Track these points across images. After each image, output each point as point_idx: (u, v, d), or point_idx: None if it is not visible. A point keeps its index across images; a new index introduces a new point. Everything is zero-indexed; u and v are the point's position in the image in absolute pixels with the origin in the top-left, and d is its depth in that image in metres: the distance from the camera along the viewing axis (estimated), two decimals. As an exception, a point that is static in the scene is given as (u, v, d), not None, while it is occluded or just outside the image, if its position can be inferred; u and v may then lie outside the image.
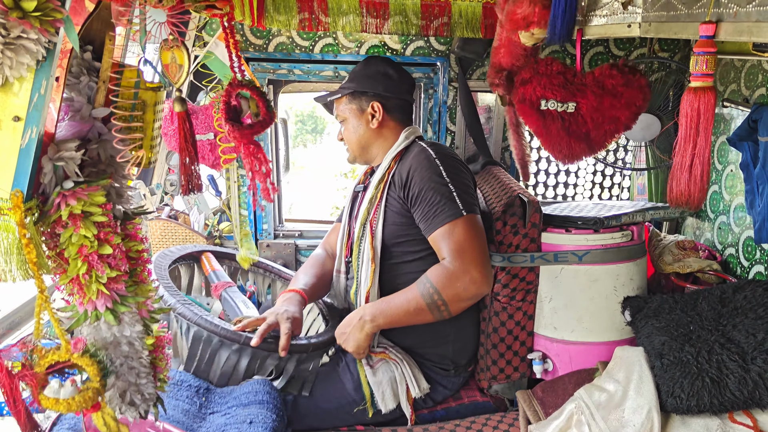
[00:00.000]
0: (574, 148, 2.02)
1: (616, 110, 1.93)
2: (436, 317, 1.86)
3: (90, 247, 1.19)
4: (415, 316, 1.87)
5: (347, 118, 2.19)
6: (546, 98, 1.98)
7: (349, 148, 2.23)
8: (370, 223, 2.07)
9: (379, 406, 1.98)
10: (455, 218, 1.86)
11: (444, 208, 1.88)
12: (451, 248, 1.84)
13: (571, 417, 1.77)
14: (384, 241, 2.05)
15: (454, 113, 3.01)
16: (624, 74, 1.91)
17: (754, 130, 2.08)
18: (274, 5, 2.27)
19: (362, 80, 2.16)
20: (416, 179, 1.96)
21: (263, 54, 2.88)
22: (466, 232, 1.85)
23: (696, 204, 1.49)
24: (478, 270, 1.81)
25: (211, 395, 1.89)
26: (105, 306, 1.24)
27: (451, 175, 1.94)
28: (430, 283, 1.83)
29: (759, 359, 1.63)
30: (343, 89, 2.18)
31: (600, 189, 3.31)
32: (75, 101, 1.28)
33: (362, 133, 2.17)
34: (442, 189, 1.91)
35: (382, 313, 1.91)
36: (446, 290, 1.82)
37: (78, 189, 1.18)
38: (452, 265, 1.82)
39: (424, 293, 1.84)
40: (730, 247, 2.50)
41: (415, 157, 2.02)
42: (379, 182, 2.10)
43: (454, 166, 1.99)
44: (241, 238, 2.73)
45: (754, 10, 1.22)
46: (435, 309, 1.84)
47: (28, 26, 1.03)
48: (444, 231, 1.87)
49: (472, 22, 2.38)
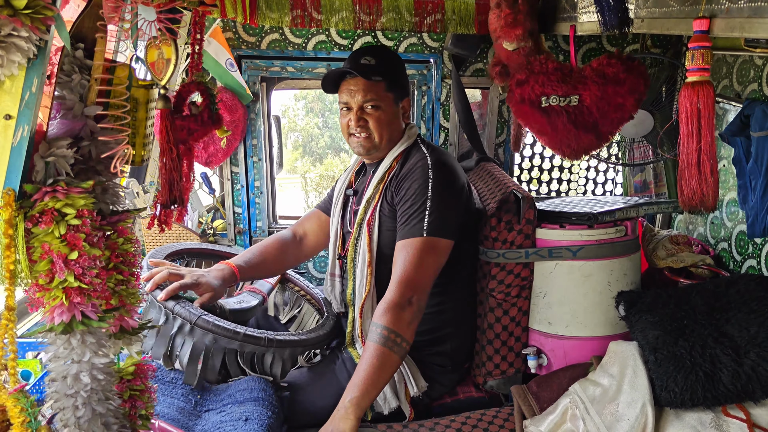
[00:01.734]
0: (582, 140, 2.01)
1: (621, 97, 1.94)
2: (400, 354, 1.75)
3: (54, 247, 1.12)
4: (385, 367, 1.72)
5: (383, 104, 2.03)
6: (546, 95, 1.96)
7: (376, 135, 2.04)
8: (368, 224, 2.05)
9: (379, 409, 1.97)
10: (414, 237, 1.86)
11: (412, 222, 1.89)
12: (398, 270, 1.83)
13: (566, 411, 1.78)
14: (379, 243, 2.04)
15: (447, 110, 3.01)
16: (623, 62, 1.92)
17: (746, 125, 2.08)
18: (266, 2, 2.26)
19: (401, 72, 2.12)
20: (405, 184, 1.97)
21: (256, 51, 2.87)
22: (417, 254, 1.84)
23: (711, 204, 1.45)
24: (416, 294, 1.80)
25: (206, 393, 1.89)
26: (61, 318, 1.14)
27: (435, 192, 1.91)
28: (378, 325, 1.77)
29: (752, 353, 1.64)
30: (385, 74, 2.03)
31: (594, 185, 3.32)
32: (67, 99, 1.27)
33: (395, 125, 2.08)
34: (418, 204, 1.90)
35: (355, 388, 1.70)
36: (394, 323, 1.75)
37: (57, 186, 1.14)
38: (394, 294, 1.79)
39: (378, 338, 1.74)
40: (723, 241, 2.51)
41: (414, 164, 2.00)
42: (380, 182, 2.07)
43: (444, 182, 1.95)
44: None
45: (746, 6, 1.23)
46: (394, 346, 1.74)
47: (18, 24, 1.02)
48: (402, 245, 1.87)
49: (465, 19, 2.37)
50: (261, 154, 3.08)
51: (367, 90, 2.01)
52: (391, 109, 2.05)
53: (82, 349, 1.19)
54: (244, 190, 3.12)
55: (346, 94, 2.04)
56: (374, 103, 2.01)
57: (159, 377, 1.88)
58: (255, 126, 3.02)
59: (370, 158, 2.15)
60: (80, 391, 1.19)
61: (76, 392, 1.19)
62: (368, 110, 2.02)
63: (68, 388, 1.18)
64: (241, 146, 3.03)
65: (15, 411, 1.12)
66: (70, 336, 1.18)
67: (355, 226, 2.08)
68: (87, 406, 1.19)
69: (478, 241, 2.14)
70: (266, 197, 3.17)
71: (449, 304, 2.10)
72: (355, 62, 2.03)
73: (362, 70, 2.00)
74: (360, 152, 2.10)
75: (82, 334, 1.19)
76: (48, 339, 1.19)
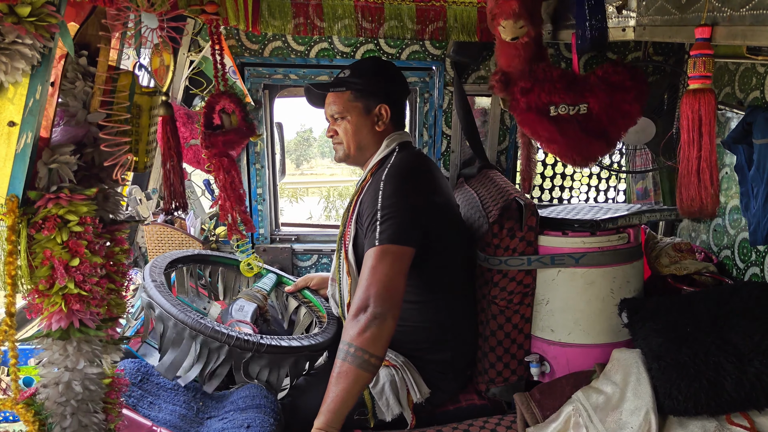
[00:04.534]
0: (593, 147, 1.99)
1: (628, 104, 1.93)
2: (371, 371, 1.68)
3: (56, 253, 1.13)
4: (353, 384, 1.65)
5: (348, 115, 2.07)
6: (554, 103, 1.94)
7: (345, 146, 2.10)
8: (345, 237, 2.06)
9: (382, 416, 1.96)
10: (371, 247, 1.83)
11: (368, 235, 1.87)
12: (360, 286, 1.78)
13: (569, 419, 1.77)
14: (356, 255, 2.01)
15: (449, 117, 3.01)
16: (629, 70, 1.92)
17: (749, 132, 2.08)
18: (269, 10, 2.27)
19: (371, 80, 2.09)
20: (365, 198, 1.96)
21: (259, 59, 2.87)
22: (373, 264, 1.79)
23: (710, 212, 1.43)
24: (375, 304, 1.72)
25: (208, 400, 1.88)
26: (59, 325, 1.15)
27: (385, 201, 1.88)
28: (344, 343, 1.70)
29: (756, 361, 1.63)
30: (350, 84, 2.08)
31: (596, 192, 3.31)
32: (70, 106, 1.28)
33: (365, 133, 2.09)
34: (371, 216, 1.88)
35: (325, 413, 1.65)
36: (359, 338, 1.67)
37: (61, 193, 1.15)
38: (355, 307, 1.74)
39: (346, 357, 1.67)
40: (726, 249, 2.50)
41: (380, 173, 1.98)
42: (355, 194, 2.07)
43: (395, 189, 1.90)
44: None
45: (748, 14, 1.23)
46: (363, 363, 1.66)
47: (23, 31, 1.03)
48: (365, 257, 1.84)
49: (467, 26, 2.38)
50: (263, 162, 3.08)
51: (331, 101, 2.10)
52: (358, 118, 2.08)
53: (76, 357, 1.19)
54: (247, 197, 3.12)
55: (325, 107, 2.15)
56: (338, 114, 2.09)
57: (161, 384, 1.88)
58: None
59: (353, 165, 2.21)
60: (71, 400, 1.19)
61: (67, 401, 1.19)
62: (337, 121, 2.10)
63: (59, 395, 1.18)
64: (243, 154, 3.04)
65: (28, 416, 1.12)
66: (66, 343, 1.19)
67: (338, 237, 2.11)
68: (75, 416, 1.19)
69: (477, 248, 2.13)
70: (269, 204, 3.17)
71: (445, 312, 2.09)
72: (334, 79, 2.14)
73: (325, 85, 2.13)
74: (338, 160, 2.18)
75: (78, 342, 1.19)
76: (44, 345, 1.19)
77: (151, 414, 1.74)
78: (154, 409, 1.78)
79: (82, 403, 1.20)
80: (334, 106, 2.09)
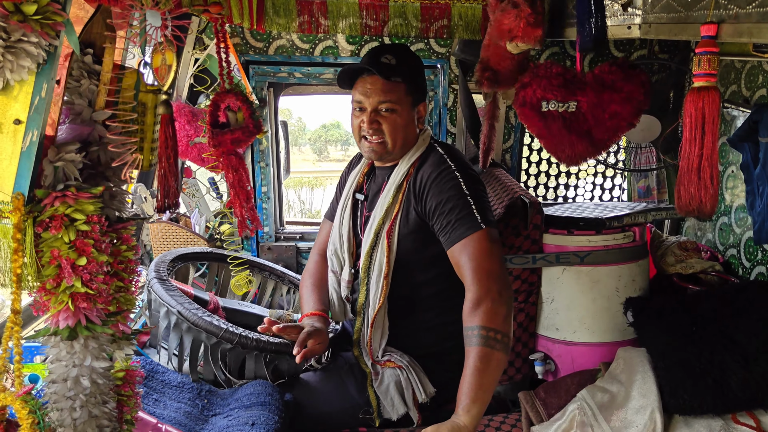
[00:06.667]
0: (576, 147, 1.99)
1: (616, 105, 1.91)
2: (504, 350, 1.62)
3: (63, 252, 1.13)
4: (493, 369, 1.59)
5: (400, 108, 1.91)
6: (546, 99, 1.95)
7: (390, 141, 1.93)
8: (387, 234, 1.95)
9: (388, 415, 1.95)
10: (474, 231, 1.77)
11: (463, 221, 1.79)
12: (472, 267, 1.73)
13: (574, 418, 1.77)
14: (398, 254, 1.96)
15: (454, 115, 3.01)
16: (624, 69, 1.91)
17: (755, 131, 2.07)
18: (273, 8, 2.27)
19: (419, 77, 2.03)
20: (435, 191, 1.87)
21: (263, 57, 2.88)
22: (484, 247, 1.75)
23: (709, 211, 1.42)
24: (498, 284, 1.69)
25: (212, 397, 1.89)
26: (66, 323, 1.15)
27: (470, 188, 1.84)
28: (474, 327, 1.64)
29: (762, 360, 1.63)
30: (406, 76, 1.93)
31: (600, 190, 3.31)
32: (76, 104, 1.28)
33: (411, 130, 1.98)
34: (461, 202, 1.81)
35: (470, 402, 1.56)
36: (486, 320, 1.63)
37: (68, 192, 1.15)
38: (477, 293, 1.68)
39: (477, 340, 1.62)
40: (732, 248, 2.50)
41: (433, 165, 1.92)
42: (398, 190, 1.98)
43: (471, 177, 1.89)
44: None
45: (755, 11, 1.22)
46: (497, 344, 1.61)
47: (28, 30, 1.03)
48: (463, 245, 1.77)
49: (471, 25, 2.37)
50: (268, 160, 3.09)
51: (386, 91, 1.89)
52: (408, 114, 1.95)
53: (84, 353, 1.20)
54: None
55: (361, 93, 1.91)
56: (391, 106, 1.90)
57: (166, 381, 1.88)
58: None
59: (381, 162, 2.06)
60: (79, 394, 1.20)
61: (75, 395, 1.19)
62: (383, 113, 1.90)
63: (68, 390, 1.19)
64: (248, 152, 3.04)
65: (23, 413, 1.13)
66: (74, 340, 1.19)
67: (371, 234, 1.98)
68: (84, 408, 1.20)
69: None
70: (273, 202, 3.17)
71: (454, 316, 2.04)
72: (374, 60, 1.91)
73: (382, 69, 1.87)
74: (371, 157, 2.01)
75: (85, 339, 1.20)
76: (51, 342, 1.20)
77: (156, 411, 1.75)
78: (159, 406, 1.78)
79: (90, 396, 1.21)
80: (387, 96, 1.89)
